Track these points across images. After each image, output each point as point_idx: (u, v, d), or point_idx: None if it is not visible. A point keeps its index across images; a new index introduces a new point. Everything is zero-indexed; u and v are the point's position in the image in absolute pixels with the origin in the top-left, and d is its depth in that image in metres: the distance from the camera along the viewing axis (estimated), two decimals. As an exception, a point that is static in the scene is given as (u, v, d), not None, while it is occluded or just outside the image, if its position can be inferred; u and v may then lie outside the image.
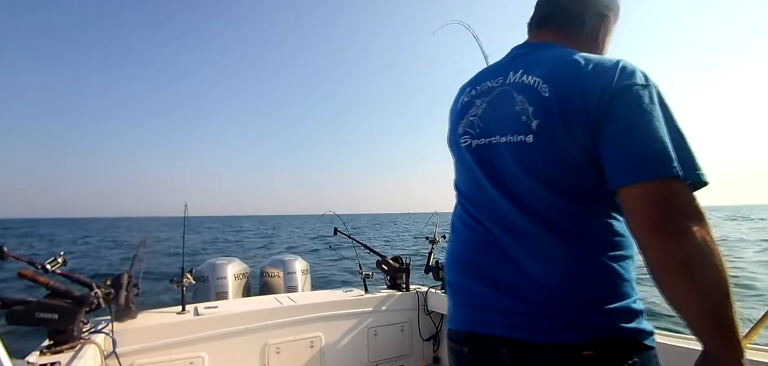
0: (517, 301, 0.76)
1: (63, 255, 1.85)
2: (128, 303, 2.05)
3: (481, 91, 0.92)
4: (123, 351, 1.90)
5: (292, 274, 3.69)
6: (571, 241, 0.75)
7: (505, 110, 0.84)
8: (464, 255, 0.88)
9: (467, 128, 0.90)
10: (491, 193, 0.83)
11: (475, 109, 0.90)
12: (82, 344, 1.72)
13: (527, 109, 0.79)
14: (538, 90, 0.79)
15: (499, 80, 0.89)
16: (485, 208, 0.85)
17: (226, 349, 2.21)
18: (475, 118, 0.89)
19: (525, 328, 0.75)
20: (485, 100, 0.89)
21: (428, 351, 2.84)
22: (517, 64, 0.88)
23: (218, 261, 3.49)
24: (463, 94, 0.97)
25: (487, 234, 0.83)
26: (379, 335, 2.67)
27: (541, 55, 0.86)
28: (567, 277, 0.74)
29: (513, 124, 0.81)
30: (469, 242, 0.88)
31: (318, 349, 2.46)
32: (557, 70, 0.79)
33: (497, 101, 0.87)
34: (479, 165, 0.86)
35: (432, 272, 2.89)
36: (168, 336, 2.08)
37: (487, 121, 0.87)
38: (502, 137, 0.82)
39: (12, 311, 1.60)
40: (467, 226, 0.89)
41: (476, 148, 0.88)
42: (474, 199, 0.89)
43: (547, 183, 0.76)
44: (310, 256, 9.90)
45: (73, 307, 1.70)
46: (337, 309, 2.57)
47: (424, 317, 2.81)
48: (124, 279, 2.04)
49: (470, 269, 0.86)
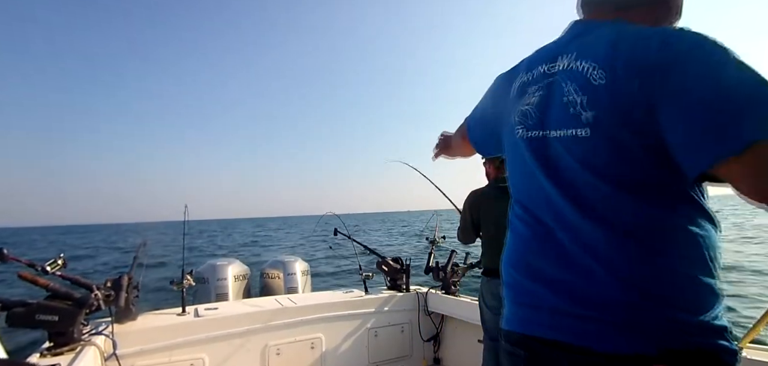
0: (580, 304, 0.71)
1: (63, 257, 1.85)
2: (128, 305, 2.05)
3: (534, 78, 0.84)
4: (123, 353, 1.90)
5: (292, 275, 3.69)
6: (639, 239, 0.69)
7: (557, 101, 0.77)
8: (520, 253, 0.84)
9: (521, 118, 0.84)
10: (548, 190, 0.78)
11: (529, 97, 0.84)
12: (83, 346, 1.72)
13: (580, 100, 0.73)
14: (590, 77, 0.72)
15: (551, 65, 0.81)
16: (542, 205, 0.80)
17: (226, 350, 2.21)
18: (529, 107, 0.83)
19: (589, 335, 0.69)
20: (538, 87, 0.82)
21: (429, 351, 2.84)
22: (569, 47, 0.80)
23: (218, 262, 3.49)
24: (516, 78, 0.90)
25: (545, 231, 0.78)
26: (379, 336, 2.67)
27: (595, 35, 0.77)
28: (636, 279, 0.67)
29: (565, 116, 0.75)
30: (524, 239, 0.83)
31: (318, 351, 2.46)
32: (612, 52, 0.71)
33: (549, 90, 0.80)
34: (535, 159, 0.81)
35: (432, 273, 2.88)
36: (168, 338, 2.08)
37: (541, 112, 0.80)
38: (557, 131, 0.76)
39: (12, 313, 1.60)
40: (523, 222, 0.84)
41: (530, 140, 0.82)
42: (529, 194, 0.84)
43: (609, 178, 0.70)
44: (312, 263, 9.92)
45: (73, 309, 1.70)
46: (338, 310, 2.57)
47: (424, 318, 2.80)
48: (124, 281, 2.04)
49: (527, 268, 0.81)
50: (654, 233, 0.69)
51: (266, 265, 3.85)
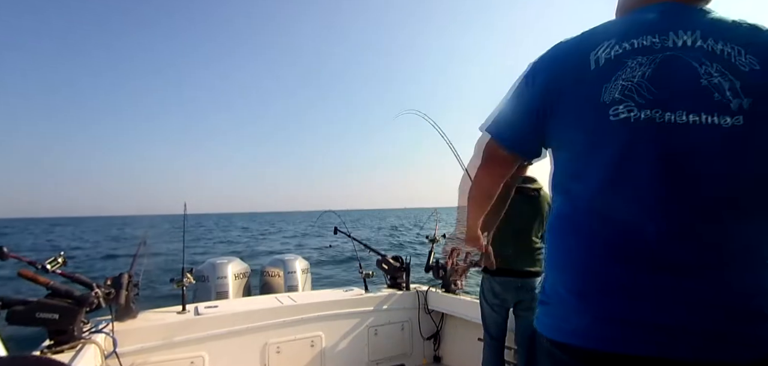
0: (703, 317, 0.63)
1: (63, 255, 1.85)
2: (128, 303, 2.05)
3: (638, 49, 0.69)
4: (123, 351, 1.90)
5: (292, 274, 3.69)
6: (755, 245, 0.65)
7: (690, 81, 0.66)
8: (609, 257, 0.69)
9: (627, 94, 0.68)
10: (666, 182, 0.65)
11: (634, 70, 0.68)
12: (83, 344, 1.72)
13: (721, 85, 0.64)
14: (737, 62, 0.65)
15: (661, 40, 0.69)
16: (651, 199, 0.67)
17: (226, 348, 2.21)
18: (641, 81, 0.68)
19: (716, 349, 0.63)
20: (650, 60, 0.68)
21: (428, 350, 2.84)
22: (682, 25, 0.69)
23: (218, 261, 3.49)
24: (595, 49, 0.72)
25: (655, 227, 0.66)
26: (379, 334, 2.67)
27: (711, 18, 0.70)
28: (747, 288, 0.64)
29: (708, 101, 0.64)
30: (610, 241, 0.69)
31: (318, 349, 2.46)
32: (761, 38, 0.66)
33: (670, 66, 0.67)
34: (654, 146, 0.66)
35: (432, 271, 2.88)
36: (168, 336, 2.08)
37: (659, 92, 0.66)
38: (694, 116, 0.64)
39: (12, 311, 1.60)
40: (609, 222, 0.70)
41: (647, 122, 0.66)
42: (626, 186, 0.68)
43: (756, 176, 0.64)
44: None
45: (73, 307, 1.70)
46: (338, 308, 2.57)
47: (424, 316, 2.80)
48: (125, 279, 2.04)
49: (630, 276, 0.67)
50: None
51: (266, 263, 3.85)
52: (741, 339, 0.63)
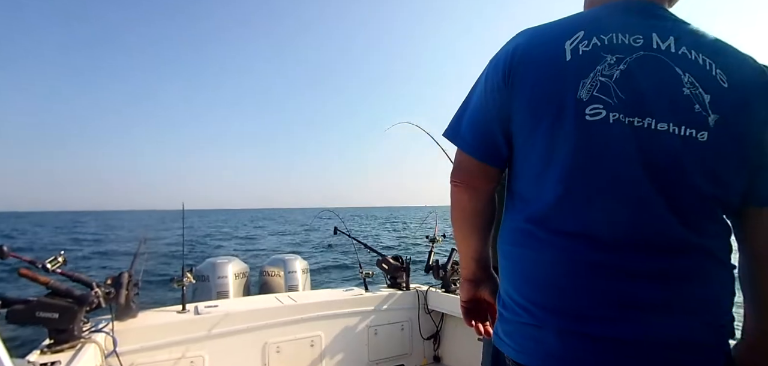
0: (677, 331, 0.62)
1: (63, 254, 1.85)
2: (129, 302, 2.05)
3: (613, 45, 0.64)
4: (123, 350, 1.90)
5: (292, 274, 3.69)
6: (723, 261, 0.67)
7: (668, 87, 0.62)
8: (573, 270, 0.64)
9: (598, 94, 0.62)
10: (642, 195, 0.62)
11: (608, 67, 0.63)
12: (83, 343, 1.73)
13: (701, 97, 0.62)
14: (714, 76, 0.63)
15: (638, 39, 0.64)
16: (625, 213, 0.63)
17: (226, 348, 2.22)
18: (610, 81, 0.62)
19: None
20: (625, 60, 0.63)
21: (428, 350, 2.84)
22: (659, 27, 0.66)
23: (218, 260, 3.49)
24: (570, 36, 0.65)
25: (632, 243, 0.64)
26: (379, 334, 2.67)
27: (684, 26, 0.68)
28: (720, 300, 0.66)
29: (684, 111, 0.62)
30: (571, 256, 0.64)
31: (318, 348, 2.47)
32: (730, 55, 0.66)
33: (651, 70, 0.63)
34: (637, 153, 0.62)
35: (432, 271, 2.88)
36: (168, 335, 2.08)
37: (638, 94, 0.62)
38: (668, 125, 0.61)
39: (12, 310, 1.60)
40: (579, 238, 0.64)
41: (628, 127, 0.61)
42: (601, 193, 0.63)
43: (711, 194, 0.64)
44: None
45: (73, 307, 1.70)
46: (338, 308, 2.57)
47: (424, 316, 2.80)
48: (125, 278, 2.04)
49: (597, 289, 0.63)
50: (729, 255, 0.68)
51: (266, 263, 3.85)
52: (706, 350, 0.64)
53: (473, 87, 0.77)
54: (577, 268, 0.63)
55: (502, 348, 0.72)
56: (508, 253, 0.73)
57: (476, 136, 0.74)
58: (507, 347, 0.71)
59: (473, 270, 0.87)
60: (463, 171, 0.78)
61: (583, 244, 0.63)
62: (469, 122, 0.75)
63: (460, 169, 0.78)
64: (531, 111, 0.67)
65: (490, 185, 0.78)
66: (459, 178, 0.78)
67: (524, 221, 0.69)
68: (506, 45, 0.72)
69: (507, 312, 0.72)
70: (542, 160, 0.66)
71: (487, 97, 0.72)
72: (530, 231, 0.68)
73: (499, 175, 0.78)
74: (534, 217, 0.68)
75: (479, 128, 0.73)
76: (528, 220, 0.69)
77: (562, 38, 0.66)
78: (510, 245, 0.73)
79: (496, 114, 0.71)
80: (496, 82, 0.70)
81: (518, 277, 0.70)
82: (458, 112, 0.78)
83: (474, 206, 0.80)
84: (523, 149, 0.69)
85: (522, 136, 0.69)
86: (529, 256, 0.68)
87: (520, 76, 0.67)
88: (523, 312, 0.68)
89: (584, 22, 0.68)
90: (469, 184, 0.78)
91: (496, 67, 0.71)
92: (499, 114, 0.70)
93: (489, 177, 0.76)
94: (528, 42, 0.69)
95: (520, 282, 0.70)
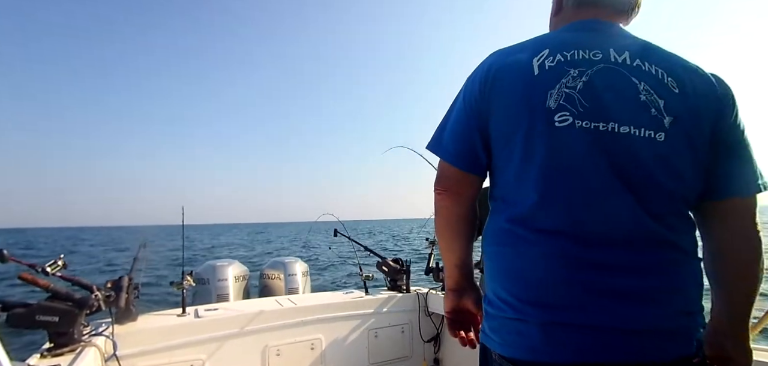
0: (648, 319, 0.67)
1: (63, 258, 1.86)
2: (129, 305, 2.05)
3: (575, 60, 0.72)
4: (123, 354, 1.90)
5: (292, 276, 3.69)
6: (691, 253, 0.74)
7: (626, 94, 0.70)
8: (549, 267, 0.69)
9: (564, 102, 0.69)
10: (612, 192, 0.68)
11: (571, 80, 0.70)
12: (83, 347, 1.73)
13: (656, 101, 0.69)
14: (666, 83, 0.71)
15: (597, 54, 0.72)
16: (599, 209, 0.69)
17: (226, 351, 2.21)
18: (574, 91, 0.69)
19: (649, 351, 0.67)
20: (586, 72, 0.70)
21: (429, 352, 2.83)
22: (615, 43, 0.74)
23: (218, 263, 3.49)
24: (537, 54, 0.73)
25: (603, 238, 0.69)
26: (379, 337, 2.67)
27: (636, 41, 0.76)
28: (691, 293, 0.72)
29: (642, 114, 0.69)
30: (551, 252, 0.69)
31: (318, 351, 2.46)
32: (679, 66, 0.74)
33: (610, 80, 0.70)
34: (603, 155, 0.68)
35: (432, 274, 2.88)
36: (168, 338, 2.08)
37: (600, 102, 0.69)
38: (630, 128, 0.68)
39: (12, 314, 1.60)
40: (555, 234, 0.69)
41: (583, 131, 0.68)
42: (573, 193, 0.69)
43: (673, 190, 0.71)
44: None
45: (73, 310, 1.70)
46: (338, 311, 2.57)
47: (424, 319, 2.80)
48: (125, 281, 2.04)
49: (570, 286, 0.68)
50: (695, 247, 0.75)
51: (266, 265, 3.85)
52: (679, 337, 0.69)
53: (452, 103, 0.84)
54: (557, 263, 0.69)
55: (489, 344, 0.78)
56: (493, 253, 0.78)
57: (457, 147, 0.80)
58: (493, 342, 0.76)
59: (456, 278, 0.93)
60: (446, 179, 0.83)
61: (562, 241, 0.69)
62: (450, 134, 0.82)
63: (443, 177, 0.84)
64: (507, 120, 0.74)
65: (471, 191, 0.84)
66: (443, 185, 0.84)
67: (506, 221, 0.75)
68: (481, 64, 0.79)
69: (492, 309, 0.77)
70: (520, 164, 0.72)
71: (467, 111, 0.78)
72: (512, 230, 0.74)
73: (479, 182, 0.84)
74: (515, 217, 0.73)
75: (460, 139, 0.80)
76: (509, 221, 0.74)
77: (530, 56, 0.74)
78: (494, 245, 0.78)
79: (475, 124, 0.77)
80: (474, 97, 0.77)
81: (502, 275, 0.76)
82: (439, 127, 0.84)
83: (457, 211, 0.86)
84: (502, 155, 0.76)
85: (500, 144, 0.76)
86: (512, 254, 0.74)
87: (496, 91, 0.74)
88: (507, 307, 0.73)
89: (548, 41, 0.76)
90: (452, 191, 0.84)
91: (473, 83, 0.78)
92: (478, 124, 0.77)
93: (470, 183, 0.83)
94: (500, 60, 0.77)
95: (504, 278, 0.75)
